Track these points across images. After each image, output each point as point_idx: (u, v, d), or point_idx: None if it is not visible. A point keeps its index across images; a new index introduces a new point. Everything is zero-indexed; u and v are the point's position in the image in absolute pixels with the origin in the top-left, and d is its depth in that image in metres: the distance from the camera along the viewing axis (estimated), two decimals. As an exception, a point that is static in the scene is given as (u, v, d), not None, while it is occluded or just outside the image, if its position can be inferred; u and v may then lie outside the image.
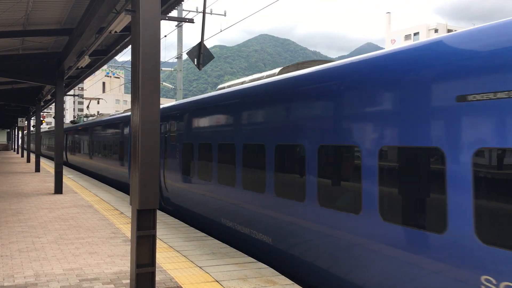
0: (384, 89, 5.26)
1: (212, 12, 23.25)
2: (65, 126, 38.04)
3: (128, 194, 16.05)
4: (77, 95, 34.21)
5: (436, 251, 4.49)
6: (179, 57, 25.90)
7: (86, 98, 40.81)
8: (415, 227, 4.76)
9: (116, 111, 30.50)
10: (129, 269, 6.82)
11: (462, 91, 4.32)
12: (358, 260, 5.51)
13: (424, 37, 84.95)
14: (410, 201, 4.83)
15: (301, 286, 6.74)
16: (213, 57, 11.23)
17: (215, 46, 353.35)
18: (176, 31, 25.60)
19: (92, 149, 24.26)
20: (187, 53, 10.94)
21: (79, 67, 16.24)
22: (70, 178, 22.52)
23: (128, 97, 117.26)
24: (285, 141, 7.08)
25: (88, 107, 41.90)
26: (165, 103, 15.52)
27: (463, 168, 4.27)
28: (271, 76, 8.86)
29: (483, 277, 4.06)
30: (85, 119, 37.91)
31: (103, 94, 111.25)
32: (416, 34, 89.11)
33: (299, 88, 6.85)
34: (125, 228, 10.07)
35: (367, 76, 5.50)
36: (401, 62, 5.07)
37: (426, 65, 4.73)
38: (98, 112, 38.07)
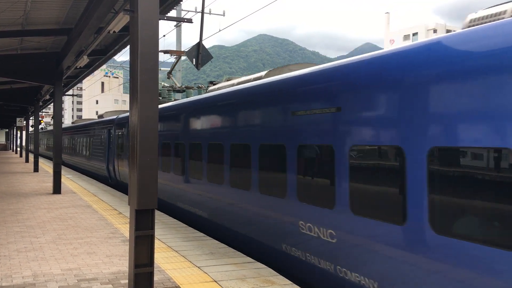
0: None
1: (211, 12, 23.26)
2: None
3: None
4: (76, 95, 34.22)
5: None
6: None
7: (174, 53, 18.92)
8: None
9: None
10: (127, 269, 6.81)
11: None
12: None
13: (423, 38, 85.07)
14: None
15: (299, 287, 6.74)
16: (212, 57, 11.26)
17: (214, 46, 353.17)
18: (175, 31, 25.57)
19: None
20: (186, 53, 10.94)
21: (78, 67, 16.25)
22: (68, 178, 22.50)
23: (127, 97, 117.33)
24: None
25: (171, 73, 19.52)
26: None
27: None
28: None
29: None
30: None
31: (102, 94, 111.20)
32: (414, 34, 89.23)
33: None
34: (124, 228, 10.06)
35: None
36: None
37: None
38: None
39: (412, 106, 5.02)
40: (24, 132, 53.97)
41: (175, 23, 22.68)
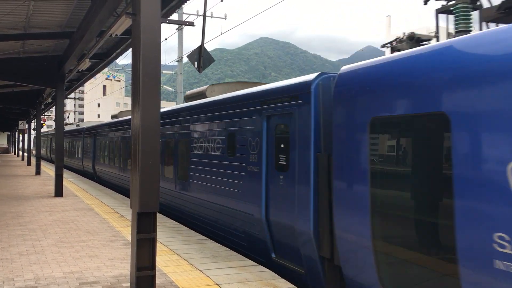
0: None
1: (213, 15, 23.33)
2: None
3: None
4: (78, 98, 34.29)
5: None
6: (179, 60, 25.94)
7: None
8: None
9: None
10: (129, 272, 6.81)
11: None
12: None
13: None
14: None
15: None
16: (214, 60, 11.23)
17: (215, 49, 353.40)
18: (176, 34, 25.62)
19: None
20: (187, 56, 10.94)
21: (80, 70, 16.26)
22: (70, 181, 22.52)
23: (129, 100, 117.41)
24: None
25: None
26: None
27: None
28: None
29: None
30: None
31: (104, 97, 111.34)
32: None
33: None
34: (126, 231, 10.06)
35: None
36: None
37: None
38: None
39: None
40: (26, 135, 54.04)
41: (176, 26, 22.73)
